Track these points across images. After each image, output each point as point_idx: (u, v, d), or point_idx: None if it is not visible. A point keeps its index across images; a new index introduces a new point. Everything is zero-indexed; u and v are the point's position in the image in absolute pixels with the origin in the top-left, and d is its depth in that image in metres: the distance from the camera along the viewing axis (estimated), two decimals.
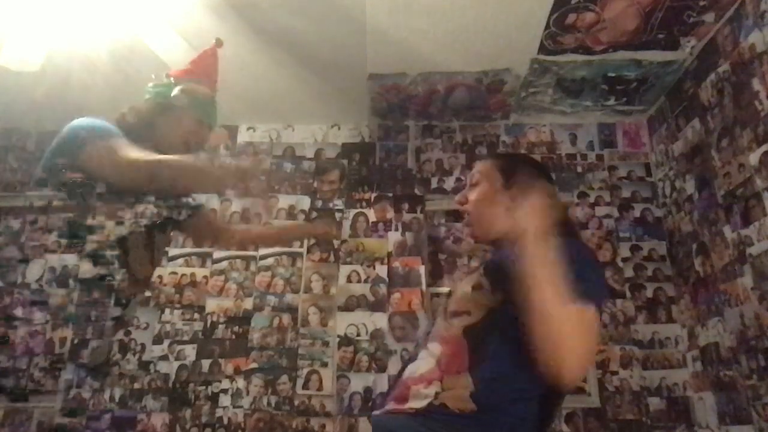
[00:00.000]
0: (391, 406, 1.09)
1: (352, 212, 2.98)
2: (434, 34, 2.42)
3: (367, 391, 2.60)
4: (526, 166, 1.31)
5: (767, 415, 2.00)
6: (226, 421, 2.58)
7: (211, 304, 2.80)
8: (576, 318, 0.91)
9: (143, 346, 2.73)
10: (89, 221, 1.38)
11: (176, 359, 2.70)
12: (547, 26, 2.36)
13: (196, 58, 1.71)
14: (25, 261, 1.36)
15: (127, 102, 1.59)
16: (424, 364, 1.08)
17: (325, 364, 2.66)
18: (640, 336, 2.65)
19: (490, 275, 1.11)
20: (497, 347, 1.00)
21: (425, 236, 2.92)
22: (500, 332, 1.01)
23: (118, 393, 2.64)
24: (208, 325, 2.77)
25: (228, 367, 2.68)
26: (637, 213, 2.89)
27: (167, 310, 2.79)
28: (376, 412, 1.13)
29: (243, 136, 3.20)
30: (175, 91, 1.57)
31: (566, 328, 0.89)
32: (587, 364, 0.97)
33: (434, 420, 0.99)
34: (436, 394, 1.01)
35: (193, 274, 2.86)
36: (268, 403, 2.61)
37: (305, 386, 2.62)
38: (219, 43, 1.75)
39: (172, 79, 1.62)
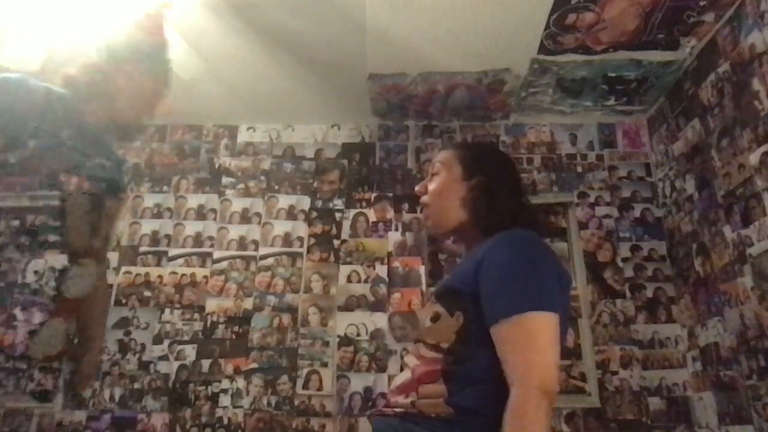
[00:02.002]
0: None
1: (352, 212, 2.98)
2: (434, 34, 2.42)
3: (367, 391, 2.60)
4: (488, 158, 1.27)
5: (767, 415, 2.01)
6: (226, 421, 2.58)
7: (211, 304, 2.80)
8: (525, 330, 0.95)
9: (143, 346, 2.73)
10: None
11: (176, 359, 2.70)
12: (547, 26, 2.36)
13: (143, 19, 1.56)
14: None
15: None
16: (403, 375, 1.12)
17: (325, 364, 2.66)
18: (640, 336, 2.65)
19: (443, 300, 1.11)
20: (473, 358, 1.02)
21: (425, 236, 2.92)
22: (474, 344, 1.03)
23: (118, 393, 2.64)
24: (208, 325, 2.77)
25: (228, 367, 2.68)
26: (637, 213, 2.89)
27: (167, 310, 2.79)
28: (373, 411, 1.16)
29: (243, 136, 3.20)
30: (125, 43, 1.44)
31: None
32: (554, 372, 0.97)
33: (412, 422, 1.02)
34: (412, 402, 1.04)
35: (193, 274, 2.86)
36: (268, 403, 2.61)
37: (305, 386, 2.62)
38: (169, 5, 1.60)
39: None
